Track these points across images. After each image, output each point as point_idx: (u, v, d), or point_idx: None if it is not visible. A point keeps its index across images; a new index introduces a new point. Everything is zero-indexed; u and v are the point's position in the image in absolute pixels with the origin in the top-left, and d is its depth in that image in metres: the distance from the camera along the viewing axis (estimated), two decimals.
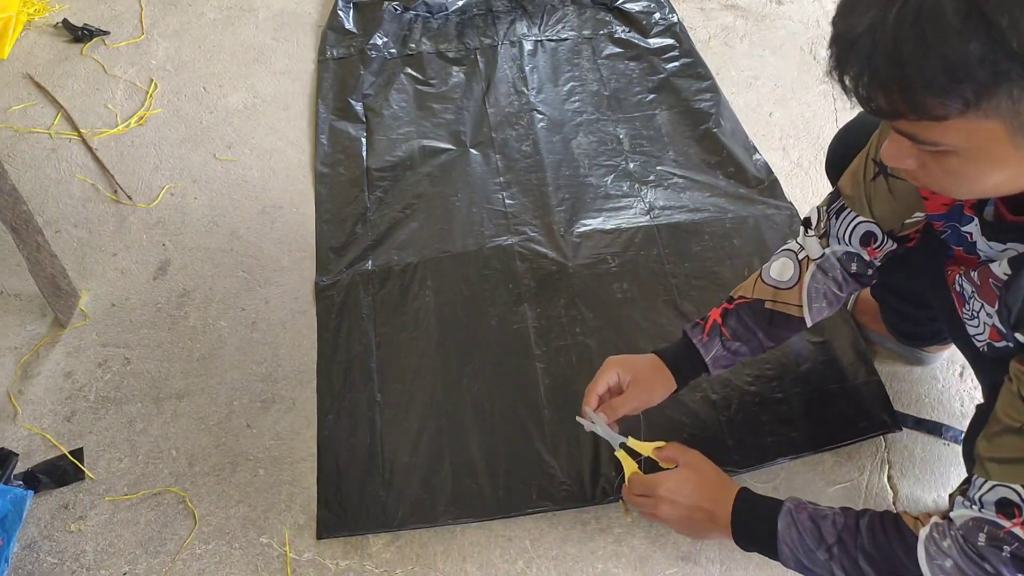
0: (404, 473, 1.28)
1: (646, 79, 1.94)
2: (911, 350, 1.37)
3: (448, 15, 2.14)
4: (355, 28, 2.12)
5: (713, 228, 1.59)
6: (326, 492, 1.28)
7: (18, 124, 1.95)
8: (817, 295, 1.06)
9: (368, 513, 1.24)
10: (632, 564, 1.18)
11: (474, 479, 1.26)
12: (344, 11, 2.16)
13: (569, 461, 1.27)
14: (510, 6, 2.16)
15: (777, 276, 1.08)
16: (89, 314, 1.56)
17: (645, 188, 1.69)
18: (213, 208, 1.74)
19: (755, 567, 1.17)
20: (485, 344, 1.44)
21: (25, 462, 1.34)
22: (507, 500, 1.24)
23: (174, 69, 2.09)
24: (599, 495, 1.23)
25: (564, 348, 1.42)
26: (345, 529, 1.24)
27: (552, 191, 1.69)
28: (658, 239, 1.57)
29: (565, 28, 2.10)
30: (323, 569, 1.20)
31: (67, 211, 1.76)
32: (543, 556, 1.20)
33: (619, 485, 1.21)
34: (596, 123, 1.85)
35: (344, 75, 2.00)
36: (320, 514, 1.25)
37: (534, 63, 2.00)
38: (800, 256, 1.07)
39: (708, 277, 1.51)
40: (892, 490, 1.23)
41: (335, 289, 1.55)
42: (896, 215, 0.98)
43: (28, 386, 1.46)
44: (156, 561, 1.23)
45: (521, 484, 1.25)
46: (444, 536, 1.23)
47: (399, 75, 1.99)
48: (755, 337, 1.08)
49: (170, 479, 1.32)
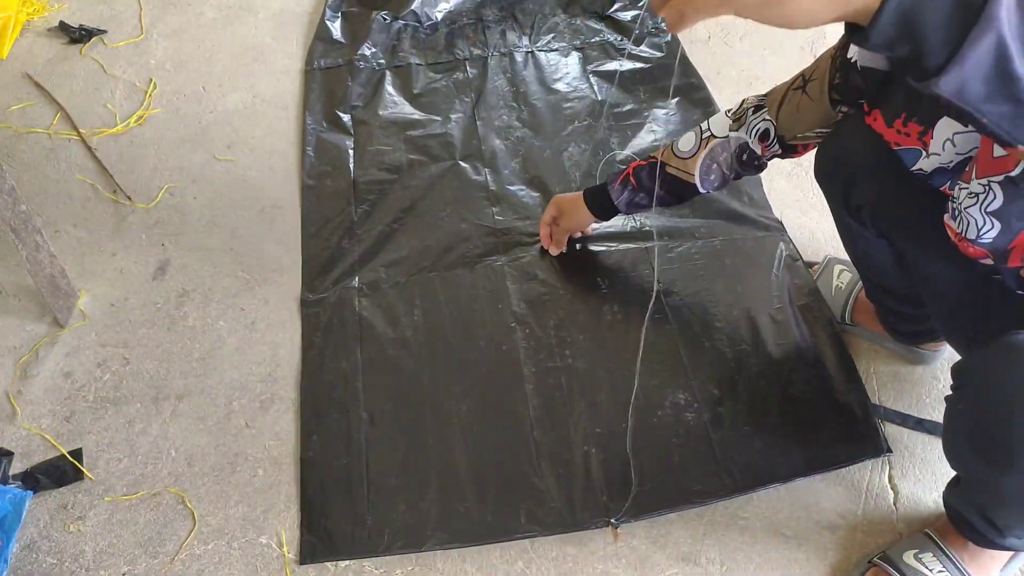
0: (390, 496, 1.26)
1: (638, 88, 1.92)
2: (910, 349, 1.37)
3: (437, 25, 2.11)
4: (343, 38, 2.09)
5: (705, 249, 1.57)
6: (309, 516, 1.25)
7: (17, 124, 1.95)
8: (708, 170, 1.25)
9: (353, 538, 1.22)
10: (632, 564, 1.18)
11: (462, 502, 1.25)
12: (332, 21, 2.12)
13: (558, 485, 1.25)
14: (501, 16, 2.13)
15: (682, 146, 1.27)
16: (88, 314, 1.56)
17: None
18: (212, 208, 1.74)
19: (755, 568, 1.17)
20: (474, 365, 1.41)
21: (24, 462, 1.34)
22: (495, 525, 1.22)
23: (173, 69, 2.08)
24: (589, 520, 1.21)
25: (553, 370, 1.40)
26: (330, 555, 1.21)
27: (543, 207, 1.65)
28: (649, 259, 1.55)
29: (557, 38, 2.07)
30: (322, 570, 1.20)
31: (66, 211, 1.75)
32: (542, 556, 1.20)
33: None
34: (588, 134, 1.82)
35: (331, 86, 1.96)
36: (303, 539, 1.23)
37: (525, 74, 1.98)
38: (704, 134, 1.25)
39: (699, 295, 1.49)
40: (893, 490, 1.23)
41: (321, 306, 1.52)
42: (793, 125, 1.16)
43: (27, 386, 1.45)
44: (155, 561, 1.23)
45: (510, 508, 1.23)
46: None
47: (387, 86, 1.96)
48: (656, 191, 1.29)
49: (169, 479, 1.32)
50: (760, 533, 1.20)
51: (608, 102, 1.89)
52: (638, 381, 1.27)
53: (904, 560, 1.08)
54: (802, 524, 1.20)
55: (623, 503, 1.22)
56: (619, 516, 1.21)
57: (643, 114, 1.86)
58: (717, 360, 1.39)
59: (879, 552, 1.13)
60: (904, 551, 1.09)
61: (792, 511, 1.21)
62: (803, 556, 1.18)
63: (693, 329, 1.44)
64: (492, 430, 1.33)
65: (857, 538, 1.19)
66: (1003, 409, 0.81)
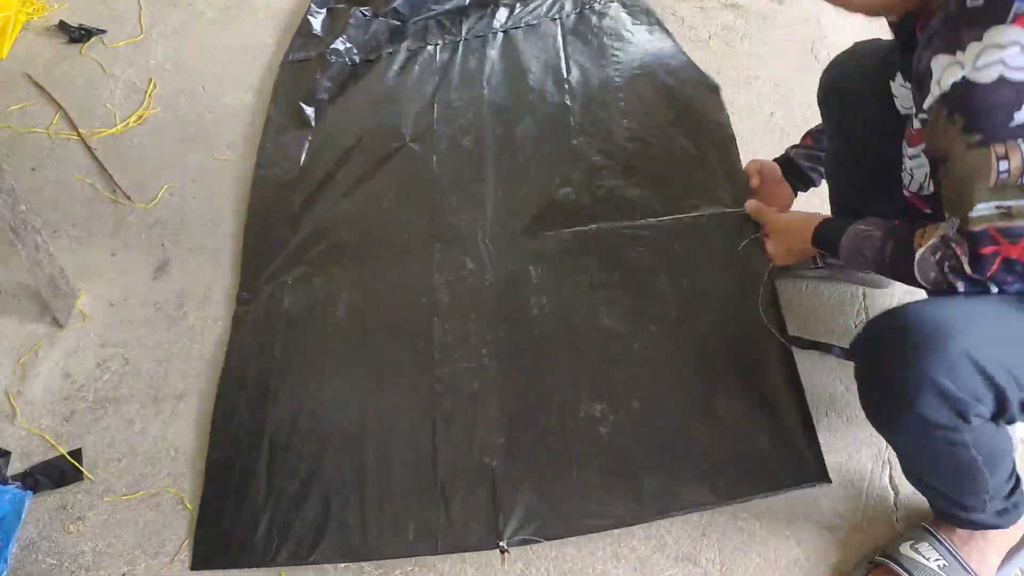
0: (289, 503, 1.22)
1: (611, 58, 1.80)
2: (863, 277, 1.42)
3: (418, 21, 2.04)
4: (322, 33, 2.04)
5: (650, 232, 1.43)
6: (206, 520, 1.23)
7: (17, 124, 1.95)
8: None
9: (245, 547, 1.19)
10: (632, 565, 1.18)
11: (355, 512, 1.20)
12: (315, 16, 2.08)
13: (452, 499, 1.19)
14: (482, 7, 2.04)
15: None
16: (88, 314, 1.56)
17: (593, 178, 1.53)
18: (212, 208, 1.74)
19: (755, 568, 1.17)
20: (388, 364, 1.35)
21: (24, 462, 1.34)
22: (382, 541, 1.17)
23: (173, 68, 2.08)
24: (478, 541, 1.16)
25: (466, 371, 1.31)
26: (221, 561, 1.20)
27: (487, 188, 1.57)
28: (591, 245, 1.44)
29: (537, 12, 1.96)
30: (322, 570, 1.20)
31: (66, 211, 1.75)
32: (542, 557, 1.19)
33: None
34: (548, 106, 1.70)
35: (300, 78, 1.92)
36: (196, 542, 1.22)
37: (495, 51, 1.89)
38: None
39: (638, 288, 1.37)
40: (893, 491, 1.23)
41: (252, 304, 1.49)
42: None
43: (27, 386, 1.45)
44: (155, 561, 1.23)
45: (400, 522, 1.18)
46: None
47: (356, 80, 1.90)
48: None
49: (169, 479, 1.32)
50: (760, 533, 1.20)
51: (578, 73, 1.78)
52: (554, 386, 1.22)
53: (901, 551, 1.09)
54: (802, 524, 1.20)
55: (517, 524, 1.16)
56: (510, 539, 1.15)
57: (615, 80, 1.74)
58: (643, 368, 1.28)
59: (879, 551, 1.14)
60: (901, 543, 1.11)
61: (792, 511, 1.21)
62: (803, 556, 1.18)
63: (622, 335, 1.32)
64: (396, 435, 1.27)
65: (857, 538, 1.19)
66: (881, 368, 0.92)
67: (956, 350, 0.85)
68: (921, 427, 0.90)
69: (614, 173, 1.55)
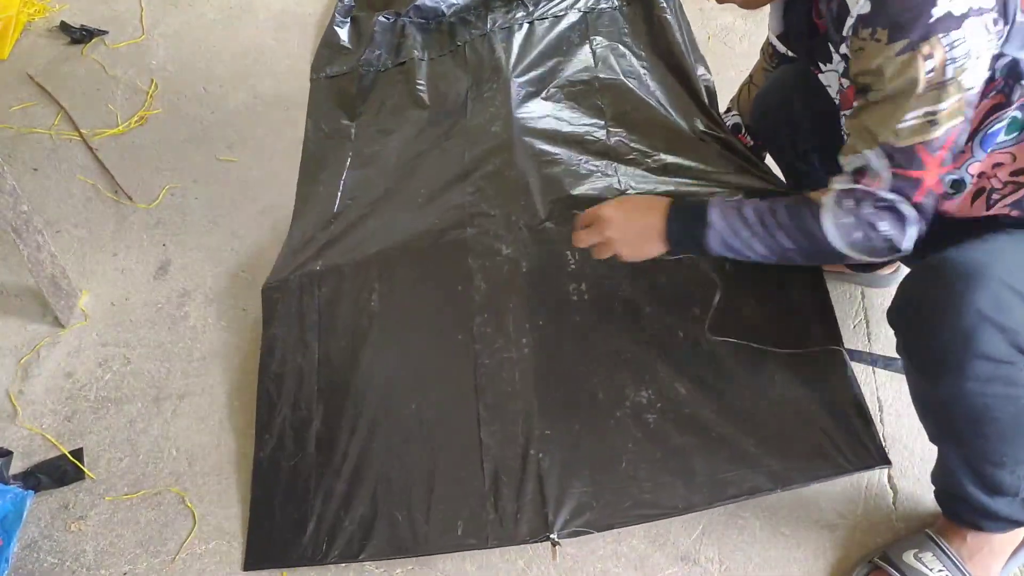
0: (338, 501, 1.22)
1: (638, 50, 1.79)
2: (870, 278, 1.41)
3: (443, 18, 2.05)
4: (350, 44, 2.04)
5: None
6: (258, 520, 1.23)
7: (18, 124, 1.96)
8: None
9: (297, 546, 1.19)
10: (632, 564, 1.18)
11: (402, 510, 1.20)
12: (340, 26, 2.08)
13: (501, 493, 1.18)
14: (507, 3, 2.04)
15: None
16: (89, 314, 1.56)
17: (622, 167, 1.49)
18: (213, 208, 1.74)
19: (754, 567, 1.17)
20: (427, 358, 1.33)
21: (25, 462, 1.35)
22: (432, 537, 1.17)
23: (174, 69, 2.09)
24: (528, 534, 1.15)
25: (508, 362, 1.28)
26: (273, 561, 1.20)
27: (517, 175, 1.50)
28: None
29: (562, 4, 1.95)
30: (322, 570, 1.20)
31: (67, 211, 1.76)
32: (542, 556, 1.20)
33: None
34: (577, 95, 1.68)
35: (337, 93, 1.92)
36: (249, 544, 1.22)
37: (520, 41, 1.87)
38: None
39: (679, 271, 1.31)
40: (892, 490, 1.23)
41: (280, 291, 1.45)
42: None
43: (28, 386, 1.46)
44: (156, 561, 1.24)
45: (449, 519, 1.18)
46: None
47: (391, 88, 1.89)
48: None
49: (170, 479, 1.32)
50: (759, 532, 1.20)
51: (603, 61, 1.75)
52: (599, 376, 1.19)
53: (904, 560, 1.08)
54: (801, 523, 1.20)
55: (567, 516, 1.15)
56: (560, 532, 1.14)
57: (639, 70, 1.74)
58: (688, 353, 1.25)
59: (879, 552, 1.13)
60: (904, 551, 1.10)
61: (791, 510, 1.21)
62: (802, 555, 1.18)
63: (665, 320, 1.28)
64: (441, 430, 1.25)
65: (856, 537, 1.19)
66: (928, 322, 0.91)
67: (995, 280, 0.86)
68: (981, 370, 0.89)
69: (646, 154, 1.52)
